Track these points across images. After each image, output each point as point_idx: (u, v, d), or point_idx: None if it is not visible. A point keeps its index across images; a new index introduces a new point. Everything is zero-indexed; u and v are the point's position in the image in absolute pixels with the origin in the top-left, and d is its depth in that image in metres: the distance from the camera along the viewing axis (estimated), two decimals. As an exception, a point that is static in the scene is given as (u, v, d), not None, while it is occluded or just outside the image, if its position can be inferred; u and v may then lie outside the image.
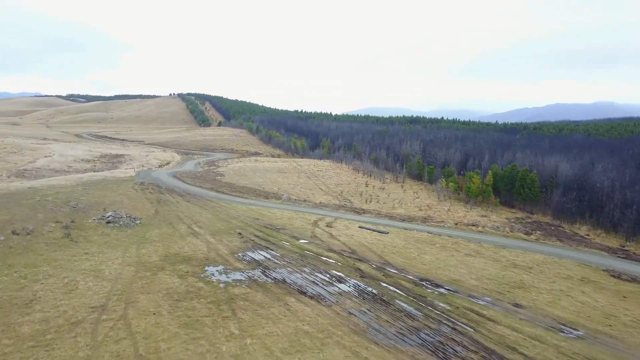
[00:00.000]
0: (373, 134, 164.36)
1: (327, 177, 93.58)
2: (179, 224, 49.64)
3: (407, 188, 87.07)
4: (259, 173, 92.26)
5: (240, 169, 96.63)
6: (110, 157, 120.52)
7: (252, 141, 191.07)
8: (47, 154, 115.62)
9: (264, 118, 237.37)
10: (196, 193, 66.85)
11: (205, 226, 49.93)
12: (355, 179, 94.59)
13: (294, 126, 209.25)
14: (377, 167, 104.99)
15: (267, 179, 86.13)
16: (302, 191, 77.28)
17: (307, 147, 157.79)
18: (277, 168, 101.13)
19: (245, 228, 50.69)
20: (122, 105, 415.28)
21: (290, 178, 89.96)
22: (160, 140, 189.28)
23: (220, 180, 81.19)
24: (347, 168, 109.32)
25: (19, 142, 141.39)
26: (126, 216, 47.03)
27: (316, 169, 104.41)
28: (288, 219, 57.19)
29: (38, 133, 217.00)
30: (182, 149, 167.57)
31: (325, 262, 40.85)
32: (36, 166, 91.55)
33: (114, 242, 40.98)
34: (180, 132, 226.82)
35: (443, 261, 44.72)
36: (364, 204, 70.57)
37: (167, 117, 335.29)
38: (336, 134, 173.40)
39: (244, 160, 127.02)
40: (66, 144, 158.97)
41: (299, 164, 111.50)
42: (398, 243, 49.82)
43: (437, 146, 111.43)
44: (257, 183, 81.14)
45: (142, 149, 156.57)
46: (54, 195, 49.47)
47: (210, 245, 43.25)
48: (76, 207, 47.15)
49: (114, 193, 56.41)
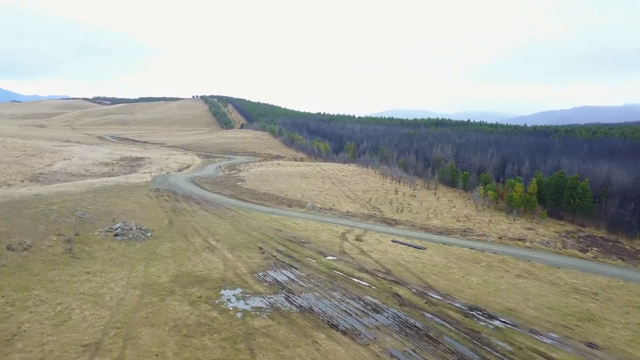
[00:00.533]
0: (400, 137, 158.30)
1: (354, 183, 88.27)
2: (194, 236, 45.09)
3: (441, 195, 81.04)
4: (281, 178, 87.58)
5: (262, 173, 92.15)
6: (130, 160, 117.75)
7: (274, 144, 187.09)
8: (67, 156, 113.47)
9: (286, 120, 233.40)
10: (215, 200, 62.45)
11: (223, 239, 45.28)
12: (383, 185, 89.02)
13: (316, 129, 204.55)
14: (406, 172, 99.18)
15: (290, 185, 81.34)
16: (327, 198, 72.19)
17: (331, 151, 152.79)
18: (300, 173, 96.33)
19: (267, 241, 45.85)
20: (145, 107, 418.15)
21: (314, 184, 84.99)
22: (181, 143, 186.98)
23: (241, 186, 76.76)
24: (374, 173, 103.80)
25: (40, 145, 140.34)
26: (136, 228, 42.67)
27: (341, 174, 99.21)
28: (313, 230, 52.16)
29: (62, 135, 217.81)
30: (204, 151, 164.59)
31: (358, 284, 35.61)
32: (53, 170, 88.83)
33: (120, 259, 36.56)
34: (203, 135, 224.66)
35: (492, 284, 38.96)
36: (396, 214, 65.03)
37: (190, 120, 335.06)
38: (361, 137, 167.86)
39: (265, 164, 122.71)
40: (88, 146, 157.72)
41: (323, 169, 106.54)
42: (438, 261, 44.21)
43: (470, 150, 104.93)
44: (279, 189, 76.42)
45: (163, 151, 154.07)
46: (60, 204, 45.55)
47: (227, 262, 38.51)
48: (83, 217, 43.04)
49: (125, 201, 52.31)
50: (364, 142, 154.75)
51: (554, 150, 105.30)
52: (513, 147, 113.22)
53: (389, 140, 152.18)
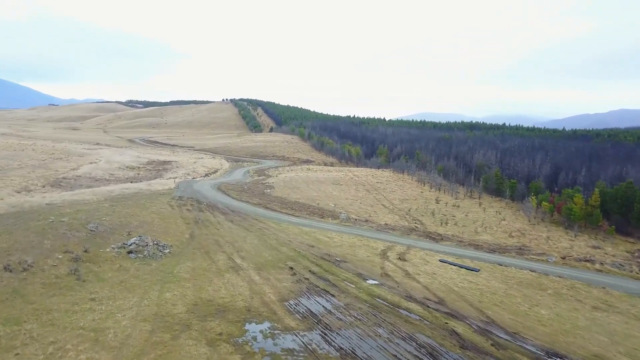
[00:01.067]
0: (435, 141, 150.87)
1: (390, 191, 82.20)
2: (217, 253, 40.21)
3: (486, 206, 74.12)
4: (312, 185, 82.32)
5: (292, 179, 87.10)
6: (157, 164, 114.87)
7: (303, 148, 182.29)
8: (94, 160, 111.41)
9: (315, 124, 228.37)
10: (241, 210, 57.63)
11: (250, 256, 40.24)
12: (421, 193, 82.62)
13: (347, 132, 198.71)
14: (446, 179, 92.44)
15: (321, 193, 75.97)
16: (362, 208, 66.48)
17: (362, 155, 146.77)
18: (331, 179, 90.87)
19: (298, 260, 40.57)
20: (176, 110, 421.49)
21: (347, 191, 79.37)
22: (210, 146, 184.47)
23: (270, 193, 71.82)
24: (411, 180, 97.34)
25: (69, 148, 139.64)
26: (153, 243, 38.06)
27: (375, 180, 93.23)
28: (349, 246, 46.59)
29: (93, 138, 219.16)
30: (232, 155, 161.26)
31: (407, 318, 29.89)
32: (77, 174, 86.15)
33: (132, 282, 31.89)
34: (232, 138, 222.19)
35: (567, 319, 32.54)
36: (440, 227, 58.76)
37: (220, 123, 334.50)
38: (394, 141, 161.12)
39: (295, 169, 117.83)
40: (116, 149, 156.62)
41: (356, 175, 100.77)
42: (497, 287, 37.93)
43: (515, 156, 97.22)
44: (310, 197, 71.13)
45: (191, 155, 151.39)
46: (72, 215, 41.46)
47: (254, 286, 33.39)
48: (95, 230, 38.73)
49: (144, 211, 47.97)
50: (398, 146, 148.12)
51: (608, 157, 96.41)
52: (562, 152, 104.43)
53: (424, 144, 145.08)
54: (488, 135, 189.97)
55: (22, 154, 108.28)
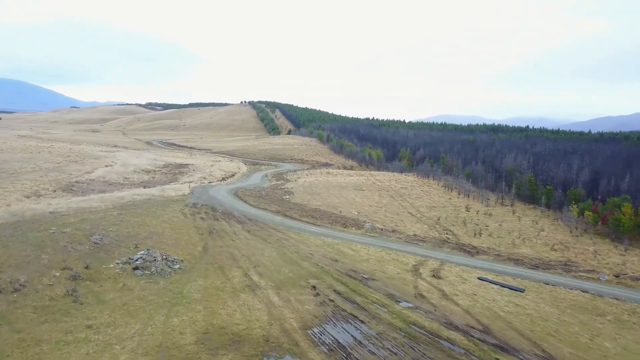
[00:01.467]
0: (460, 144, 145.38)
1: (415, 197, 77.62)
2: (232, 268, 36.45)
3: (521, 214, 69.04)
4: (332, 191, 78.25)
5: (312, 185, 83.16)
6: (173, 167, 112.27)
7: (322, 151, 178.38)
8: (109, 163, 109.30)
9: (334, 126, 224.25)
10: (259, 218, 53.88)
11: (268, 272, 36.39)
12: (450, 200, 77.82)
13: (367, 134, 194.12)
14: (474, 185, 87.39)
15: (343, 199, 71.85)
16: (387, 217, 62.16)
17: (383, 158, 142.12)
18: (353, 184, 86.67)
19: (321, 277, 36.56)
20: (194, 112, 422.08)
21: (370, 198, 75.08)
22: (228, 149, 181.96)
23: (289, 200, 67.95)
24: (437, 185, 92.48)
25: (86, 150, 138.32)
26: (162, 258, 34.49)
27: (399, 185, 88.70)
28: (377, 261, 42.39)
29: (111, 140, 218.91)
30: (250, 158, 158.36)
31: (449, 352, 25.66)
32: (91, 178, 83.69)
33: (135, 304, 28.29)
34: (249, 141, 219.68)
35: (638, 354, 27.88)
36: (473, 239, 54.12)
37: (238, 125, 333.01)
38: (416, 143, 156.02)
39: (314, 173, 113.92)
40: (134, 151, 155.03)
41: (378, 179, 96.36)
42: (548, 312, 33.31)
43: (548, 161, 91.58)
44: (331, 204, 67.07)
45: (209, 158, 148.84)
46: (75, 225, 38.18)
47: (272, 309, 29.51)
48: (99, 243, 35.34)
49: (155, 220, 44.52)
50: (420, 149, 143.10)
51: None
52: (598, 157, 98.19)
53: (448, 147, 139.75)
54: (513, 138, 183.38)
55: (38, 157, 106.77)
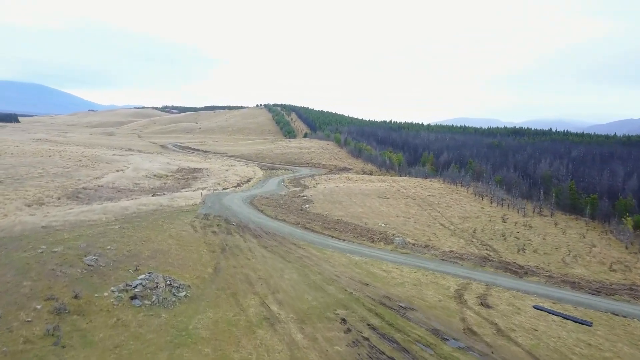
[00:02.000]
0: (486, 148, 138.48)
1: (445, 206, 71.55)
2: (247, 295, 31.16)
3: (563, 226, 62.59)
4: (355, 199, 72.63)
5: (332, 192, 77.63)
6: (186, 172, 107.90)
7: (340, 154, 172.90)
8: (121, 167, 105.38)
9: (352, 129, 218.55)
10: (277, 231, 48.54)
11: (289, 300, 31.03)
12: (482, 209, 71.56)
13: (386, 138, 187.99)
14: (508, 192, 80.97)
15: (367, 209, 66.19)
16: (418, 229, 56.32)
17: (405, 163, 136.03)
18: (376, 191, 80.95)
19: (351, 306, 31.08)
20: (210, 115, 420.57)
21: (396, 207, 69.27)
22: (243, 153, 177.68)
23: (309, 210, 62.48)
24: (467, 192, 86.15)
25: (99, 154, 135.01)
26: (165, 284, 29.36)
27: (426, 193, 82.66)
28: (413, 285, 36.69)
29: (126, 143, 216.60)
30: (266, 162, 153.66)
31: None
32: (99, 184, 79.47)
33: (130, 347, 23.10)
34: (265, 144, 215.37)
35: None
36: (517, 255, 48.02)
37: (253, 128, 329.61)
38: (439, 147, 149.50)
39: (333, 179, 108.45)
40: (147, 155, 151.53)
41: (402, 186, 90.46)
42: (629, 355, 27.30)
43: (588, 166, 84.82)
44: (355, 215, 61.46)
45: (223, 162, 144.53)
46: (69, 243, 33.29)
47: (296, 351, 24.16)
48: (94, 265, 30.38)
49: (161, 235, 39.46)
50: (444, 152, 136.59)
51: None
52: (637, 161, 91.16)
53: (472, 151, 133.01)
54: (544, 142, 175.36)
55: (47, 161, 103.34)
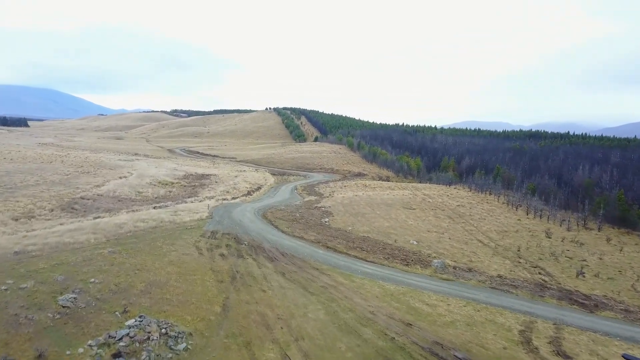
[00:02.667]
0: (509, 152, 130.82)
1: (479, 219, 64.40)
2: (264, 344, 24.51)
3: (616, 242, 55.22)
4: (378, 210, 65.74)
5: (352, 202, 70.75)
6: (194, 179, 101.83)
7: (353, 159, 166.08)
8: (125, 174, 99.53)
9: (365, 133, 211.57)
10: (296, 252, 41.78)
11: (317, 351, 24.33)
12: (519, 221, 64.34)
13: (401, 141, 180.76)
14: (546, 202, 73.61)
15: (393, 222, 59.26)
16: (455, 247, 49.28)
17: (424, 168, 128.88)
18: (399, 200, 74.03)
19: (396, 358, 24.29)
20: (219, 119, 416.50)
21: (425, 219, 62.28)
22: (253, 157, 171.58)
23: (329, 224, 55.54)
24: (498, 202, 78.78)
25: (103, 159, 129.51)
26: (160, 333, 22.83)
27: (454, 202, 75.52)
28: (466, 324, 29.77)
29: (133, 147, 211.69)
30: (277, 167, 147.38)
31: None
32: (99, 192, 73.47)
33: None
34: (275, 148, 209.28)
35: None
36: (577, 281, 40.84)
37: (263, 132, 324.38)
38: (459, 152, 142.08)
39: (349, 185, 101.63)
40: (154, 160, 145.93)
41: (426, 194, 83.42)
42: None
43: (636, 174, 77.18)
44: (382, 230, 54.51)
45: (233, 167, 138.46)
46: (44, 274, 26.91)
47: None
48: (70, 307, 23.96)
49: (159, 261, 32.90)
50: (466, 157, 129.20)
51: None
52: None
53: (495, 155, 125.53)
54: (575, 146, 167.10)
55: (47, 168, 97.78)
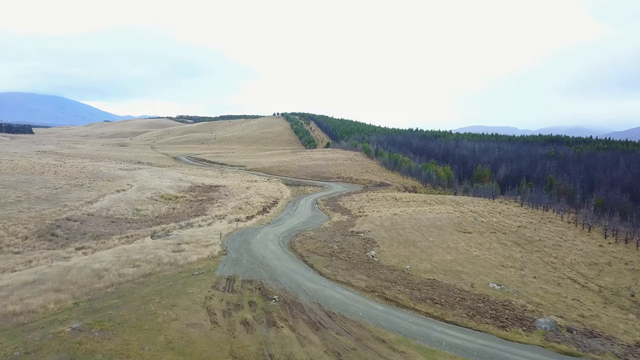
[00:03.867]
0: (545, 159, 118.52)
1: (553, 245, 52.07)
2: None
3: None
4: (430, 235, 53.57)
5: (394, 224, 58.59)
6: (201, 191, 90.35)
7: (372, 167, 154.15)
8: (123, 186, 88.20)
9: (381, 138, 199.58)
10: (346, 309, 29.56)
11: None
12: (601, 247, 51.86)
13: (422, 147, 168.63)
14: (622, 221, 61.41)
15: (455, 252, 47.05)
16: (548, 292, 36.98)
17: (455, 178, 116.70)
18: (447, 220, 61.89)
19: None
20: (226, 125, 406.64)
21: (489, 247, 50.07)
22: (264, 166, 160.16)
23: (377, 260, 43.09)
24: (562, 221, 66.37)
25: (102, 169, 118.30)
26: None
27: (513, 222, 63.22)
28: None
29: (137, 155, 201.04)
30: (290, 176, 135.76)
31: None
32: (90, 211, 62.08)
33: None
34: (286, 155, 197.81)
35: None
36: None
37: (271, 138, 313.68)
38: (490, 159, 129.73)
39: (377, 198, 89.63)
40: (157, 169, 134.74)
41: (473, 211, 71.27)
42: None
43: None
44: (446, 267, 42.15)
45: (243, 177, 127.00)
46: None
47: None
48: None
49: (151, 343, 20.79)
50: (502, 166, 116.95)
51: None
52: None
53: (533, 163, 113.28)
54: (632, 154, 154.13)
55: (36, 180, 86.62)
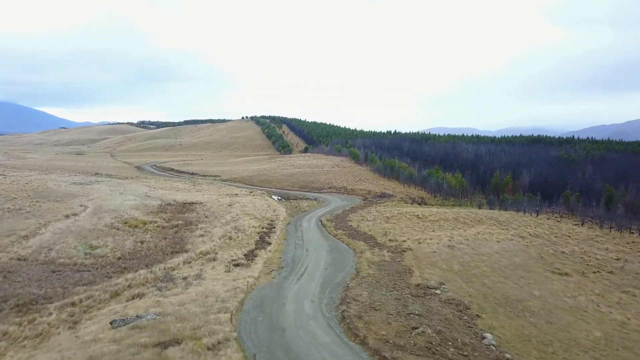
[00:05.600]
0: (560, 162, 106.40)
1: None
2: None
3: None
4: (522, 281, 37.52)
5: (465, 263, 42.14)
6: (174, 212, 72.14)
7: (364, 174, 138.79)
8: (75, 209, 69.07)
9: (367, 142, 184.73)
10: None
11: None
12: None
13: (414, 151, 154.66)
14: None
15: (591, 319, 31.50)
16: None
17: (469, 186, 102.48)
18: (523, 254, 46.30)
19: None
20: (192, 130, 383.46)
21: (615, 299, 35.03)
22: (241, 175, 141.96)
23: (501, 351, 27.05)
24: (611, 240, 52.24)
25: (50, 185, 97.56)
26: None
27: (600, 252, 48.31)
28: None
29: (95, 164, 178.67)
30: (274, 187, 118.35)
31: None
32: (23, 253, 43.45)
33: None
34: (263, 162, 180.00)
35: None
36: None
37: (242, 143, 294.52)
38: (503, 163, 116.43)
39: (395, 216, 73.74)
40: (119, 182, 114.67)
41: (533, 234, 56.27)
42: None
43: None
44: (606, 351, 26.87)
45: (220, 189, 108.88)
46: None
47: None
48: None
49: None
50: (523, 172, 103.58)
51: None
52: None
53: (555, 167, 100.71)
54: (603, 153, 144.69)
55: (-44, 203, 66.34)
